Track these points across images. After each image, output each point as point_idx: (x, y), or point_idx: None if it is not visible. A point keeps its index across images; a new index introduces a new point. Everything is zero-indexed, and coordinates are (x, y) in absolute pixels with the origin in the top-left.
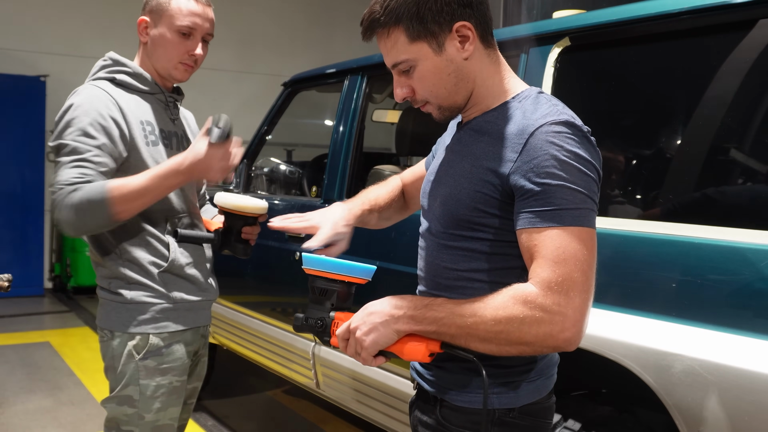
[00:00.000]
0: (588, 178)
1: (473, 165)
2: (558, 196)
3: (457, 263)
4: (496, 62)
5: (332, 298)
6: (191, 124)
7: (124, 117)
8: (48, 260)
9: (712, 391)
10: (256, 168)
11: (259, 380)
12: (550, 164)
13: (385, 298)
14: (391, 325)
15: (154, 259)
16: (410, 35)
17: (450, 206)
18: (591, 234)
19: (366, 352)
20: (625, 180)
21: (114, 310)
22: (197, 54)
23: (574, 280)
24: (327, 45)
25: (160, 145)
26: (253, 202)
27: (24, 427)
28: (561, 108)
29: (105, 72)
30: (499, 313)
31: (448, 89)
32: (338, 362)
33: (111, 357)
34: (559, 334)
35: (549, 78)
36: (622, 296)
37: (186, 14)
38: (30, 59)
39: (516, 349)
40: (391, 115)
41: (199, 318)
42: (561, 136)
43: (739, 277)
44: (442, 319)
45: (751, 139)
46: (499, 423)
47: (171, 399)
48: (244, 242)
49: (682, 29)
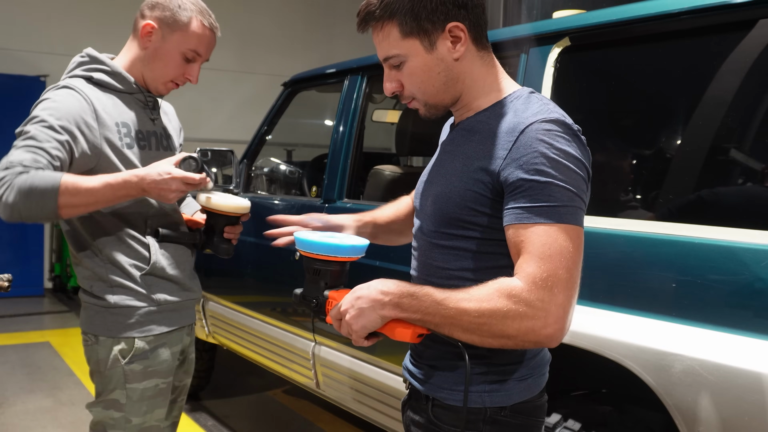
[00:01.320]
0: (577, 176)
1: (464, 164)
2: (546, 192)
3: (448, 262)
4: (488, 64)
5: (326, 277)
6: (172, 120)
7: (98, 119)
8: (48, 260)
9: (712, 391)
10: (256, 168)
11: (259, 380)
12: (540, 161)
13: (373, 281)
14: (377, 310)
15: (135, 262)
16: (403, 31)
17: (441, 205)
18: (578, 232)
19: (356, 335)
20: (625, 180)
21: (98, 314)
22: (192, 79)
23: (558, 276)
24: (327, 45)
25: (136, 147)
26: (236, 201)
27: (24, 427)
28: (552, 107)
29: (82, 69)
30: (483, 306)
31: (436, 87)
32: (338, 362)
33: (96, 361)
34: (541, 330)
35: (549, 78)
36: (623, 296)
37: (199, 40)
38: (30, 59)
39: (498, 341)
40: (391, 115)
41: (183, 318)
42: (551, 133)
43: (739, 277)
44: (427, 308)
45: (751, 139)
46: (491, 421)
47: (157, 401)
48: (226, 242)
49: (682, 29)
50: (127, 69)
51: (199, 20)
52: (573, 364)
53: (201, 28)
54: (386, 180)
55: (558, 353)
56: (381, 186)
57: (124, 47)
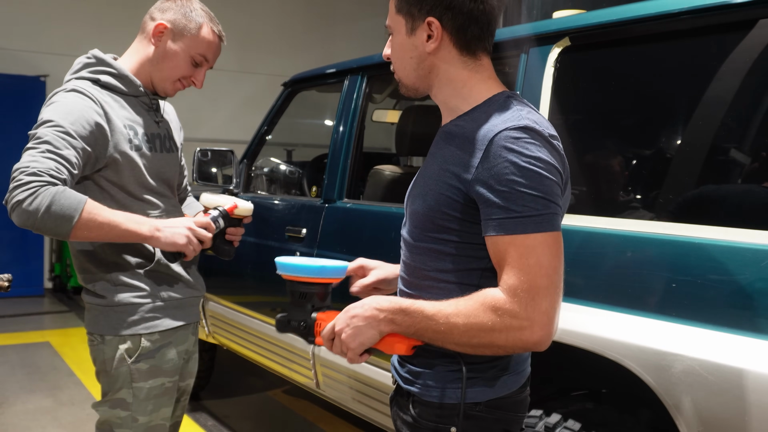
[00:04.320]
0: (549, 181)
1: (440, 168)
2: (519, 203)
3: (425, 263)
4: (472, 69)
5: (312, 299)
6: (173, 120)
7: (108, 122)
8: (48, 260)
9: (712, 391)
10: (256, 168)
11: (259, 380)
12: (509, 171)
13: (366, 300)
14: (374, 327)
15: (139, 260)
16: (397, 5)
17: (418, 206)
18: (555, 237)
19: (353, 353)
20: (624, 180)
21: (102, 313)
22: (197, 84)
23: (539, 285)
24: (327, 45)
25: (143, 149)
26: (241, 204)
27: (24, 427)
28: (525, 113)
29: (88, 71)
30: (470, 320)
31: (407, 70)
32: (338, 362)
33: (102, 361)
34: (528, 338)
35: (549, 78)
36: (623, 296)
37: (207, 46)
38: (30, 59)
39: (489, 350)
40: (391, 115)
41: (187, 315)
42: (520, 141)
43: (739, 277)
44: (418, 324)
45: (751, 139)
46: (466, 416)
47: (163, 400)
48: (228, 243)
49: (682, 29)
50: (134, 71)
51: (209, 27)
52: (573, 364)
53: (211, 34)
54: (386, 180)
55: (558, 353)
56: (381, 186)
57: (129, 48)
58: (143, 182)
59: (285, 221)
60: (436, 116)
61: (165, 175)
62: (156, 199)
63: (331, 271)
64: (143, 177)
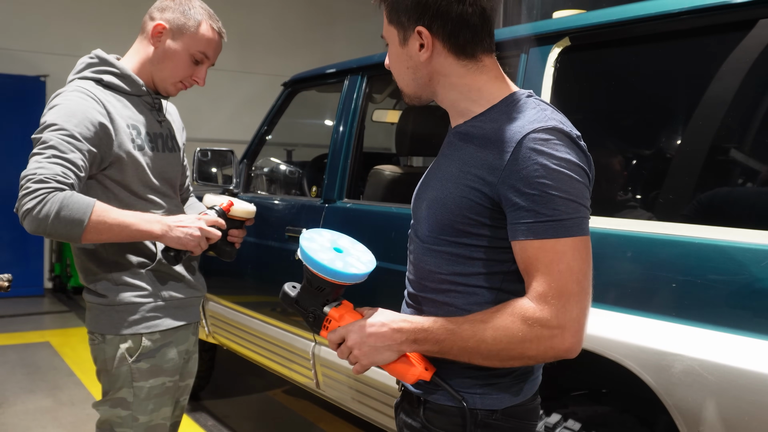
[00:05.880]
0: (579, 184)
1: (461, 170)
2: (549, 206)
3: (441, 267)
4: (474, 72)
5: (328, 295)
6: (175, 120)
7: (112, 122)
8: (48, 260)
9: (712, 391)
10: (256, 168)
11: (259, 380)
12: (540, 174)
13: (382, 318)
14: (393, 349)
15: (141, 259)
16: (388, 17)
17: (435, 210)
18: (585, 242)
19: (362, 367)
20: (625, 180)
21: (103, 312)
22: (200, 82)
23: (569, 291)
24: (327, 45)
25: (146, 149)
26: (242, 205)
27: (24, 427)
28: (549, 113)
29: (91, 71)
30: (499, 333)
31: (406, 80)
32: (338, 362)
33: (103, 360)
34: (559, 346)
35: (549, 78)
36: (623, 296)
37: (207, 43)
38: (30, 59)
39: (519, 362)
40: (391, 115)
41: (188, 315)
42: (549, 143)
43: (739, 277)
44: (444, 342)
45: (751, 139)
46: (482, 425)
47: (164, 399)
48: (230, 245)
49: (682, 29)
50: (135, 71)
51: (208, 24)
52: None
53: (210, 31)
54: (386, 180)
55: None
56: (381, 186)
57: (131, 49)
58: (147, 182)
59: (285, 221)
60: (436, 116)
61: (167, 175)
62: (159, 199)
63: (347, 277)
64: (147, 176)
